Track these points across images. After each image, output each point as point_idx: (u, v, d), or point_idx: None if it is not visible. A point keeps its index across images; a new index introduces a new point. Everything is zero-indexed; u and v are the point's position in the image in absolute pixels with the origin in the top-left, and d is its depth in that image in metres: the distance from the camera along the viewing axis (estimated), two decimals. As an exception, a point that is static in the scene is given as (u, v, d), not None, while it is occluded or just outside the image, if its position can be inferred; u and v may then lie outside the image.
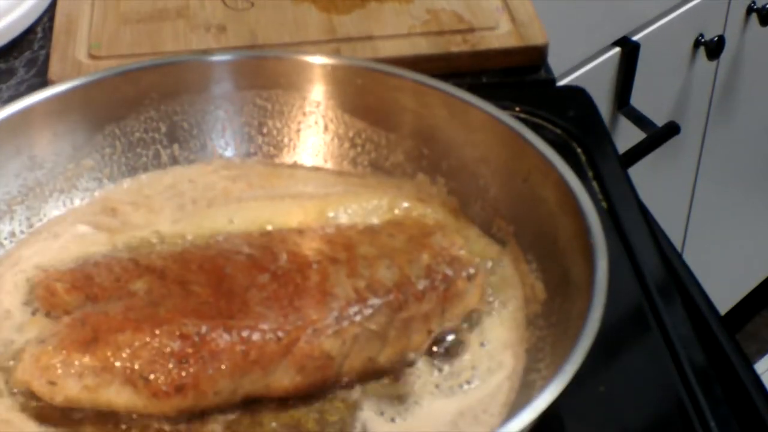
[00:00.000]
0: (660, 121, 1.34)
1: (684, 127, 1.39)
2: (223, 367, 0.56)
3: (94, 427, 0.57)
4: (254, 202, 0.70)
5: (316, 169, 0.72)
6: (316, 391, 0.58)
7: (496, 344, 0.61)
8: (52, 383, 0.56)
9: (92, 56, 0.83)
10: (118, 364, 0.56)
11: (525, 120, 0.65)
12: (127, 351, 0.56)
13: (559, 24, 0.96)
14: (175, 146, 0.72)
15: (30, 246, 0.67)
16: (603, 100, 1.32)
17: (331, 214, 0.68)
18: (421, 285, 0.60)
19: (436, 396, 0.58)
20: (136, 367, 0.56)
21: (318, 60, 0.72)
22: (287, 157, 0.73)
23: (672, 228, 1.40)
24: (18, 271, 0.65)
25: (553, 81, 0.84)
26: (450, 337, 0.61)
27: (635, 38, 1.31)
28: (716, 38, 1.39)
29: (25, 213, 0.68)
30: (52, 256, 0.66)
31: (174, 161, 0.72)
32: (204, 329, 0.57)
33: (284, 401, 0.58)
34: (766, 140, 1.68)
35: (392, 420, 0.57)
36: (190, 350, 0.56)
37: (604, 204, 0.73)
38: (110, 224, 0.68)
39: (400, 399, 0.58)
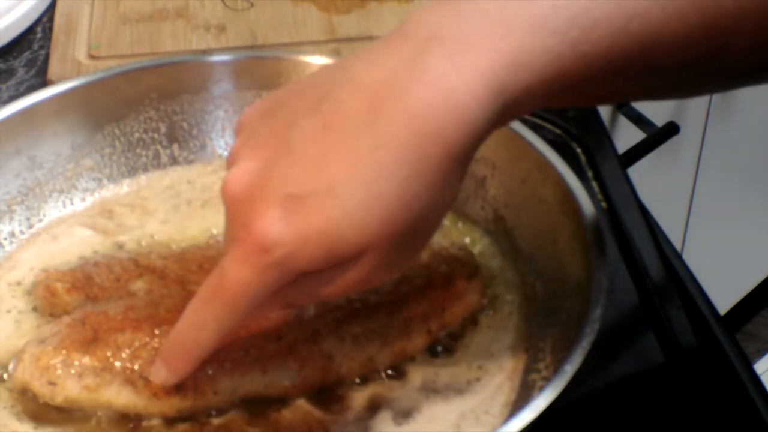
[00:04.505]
0: (659, 121, 1.34)
1: (683, 127, 1.39)
2: (222, 367, 0.56)
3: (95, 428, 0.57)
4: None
5: (316, 169, 0.72)
6: (316, 391, 0.58)
7: (497, 344, 0.61)
8: (52, 383, 0.56)
9: (92, 56, 0.83)
10: (118, 364, 0.56)
11: (524, 120, 0.65)
12: (127, 351, 0.56)
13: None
14: (175, 146, 0.72)
15: (29, 248, 0.67)
16: (602, 100, 1.31)
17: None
18: (421, 285, 0.60)
19: (438, 397, 0.58)
20: (136, 367, 0.56)
21: (318, 60, 0.72)
22: (287, 157, 0.73)
23: (672, 228, 1.40)
24: (17, 272, 0.65)
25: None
26: (450, 337, 0.61)
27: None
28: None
29: (24, 213, 0.68)
30: (51, 258, 0.66)
31: (174, 161, 0.72)
32: (204, 329, 0.57)
33: (284, 401, 0.58)
34: (766, 140, 1.68)
35: (393, 421, 0.57)
36: (189, 350, 0.56)
37: (603, 204, 0.73)
38: (106, 226, 0.68)
39: (400, 400, 0.58)
